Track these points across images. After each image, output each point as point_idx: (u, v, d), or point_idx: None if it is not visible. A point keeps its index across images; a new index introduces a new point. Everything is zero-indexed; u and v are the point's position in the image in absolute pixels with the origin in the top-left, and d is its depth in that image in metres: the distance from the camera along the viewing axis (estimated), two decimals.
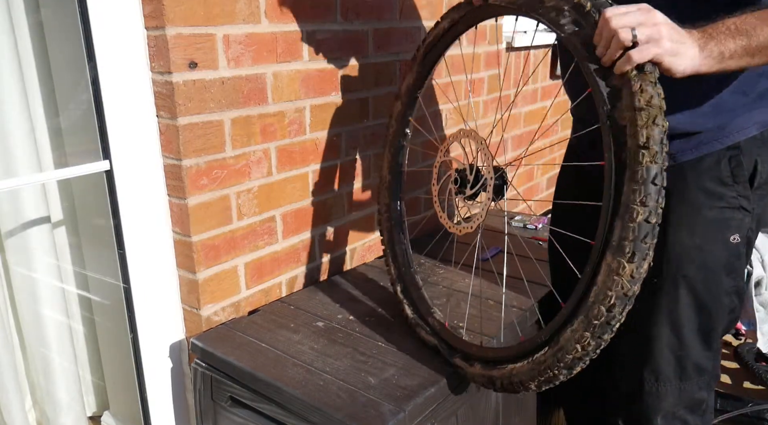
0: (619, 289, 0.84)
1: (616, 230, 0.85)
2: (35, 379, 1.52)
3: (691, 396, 1.17)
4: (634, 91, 0.84)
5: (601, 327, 0.87)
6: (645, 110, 0.83)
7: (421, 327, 1.26)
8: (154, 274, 1.31)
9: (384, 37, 1.61)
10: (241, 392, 1.20)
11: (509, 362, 1.03)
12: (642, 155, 0.83)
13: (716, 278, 1.10)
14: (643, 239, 0.83)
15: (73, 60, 1.25)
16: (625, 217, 0.84)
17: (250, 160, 1.34)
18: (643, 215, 0.83)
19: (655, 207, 0.83)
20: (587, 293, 0.89)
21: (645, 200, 0.82)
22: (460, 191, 1.16)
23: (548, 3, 0.96)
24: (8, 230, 1.38)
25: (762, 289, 2.22)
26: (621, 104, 0.86)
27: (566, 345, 0.91)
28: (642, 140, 0.83)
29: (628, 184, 0.85)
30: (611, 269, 0.85)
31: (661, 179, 0.83)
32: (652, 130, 0.83)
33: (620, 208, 0.85)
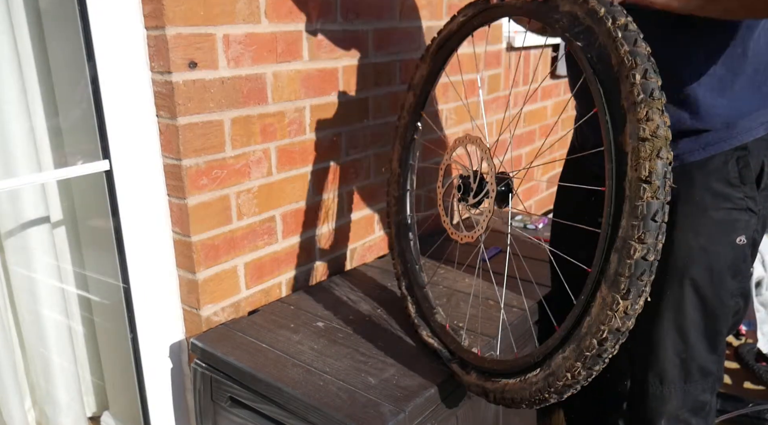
0: (612, 324, 0.82)
1: (612, 263, 0.83)
2: (35, 379, 1.52)
3: (695, 399, 1.16)
4: (640, 119, 0.80)
5: (592, 358, 0.85)
6: (650, 141, 0.79)
7: (423, 328, 1.25)
8: (154, 274, 1.31)
9: (384, 37, 1.61)
10: (240, 392, 1.19)
11: (503, 376, 1.01)
12: (643, 190, 0.79)
13: (722, 280, 1.09)
14: (640, 277, 0.80)
15: (72, 60, 1.25)
16: (623, 252, 0.81)
17: (250, 160, 1.34)
18: (641, 253, 0.79)
19: (654, 244, 0.80)
20: (581, 321, 0.87)
21: (644, 237, 0.79)
22: (463, 199, 1.13)
23: (563, 8, 0.92)
24: (8, 230, 1.38)
25: (762, 289, 2.22)
26: (626, 130, 0.82)
27: (557, 371, 0.89)
28: (644, 173, 0.79)
29: (627, 218, 0.81)
30: (605, 303, 0.83)
31: (661, 216, 0.79)
32: (656, 163, 0.79)
33: (618, 241, 0.82)
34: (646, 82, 0.80)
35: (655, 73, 0.81)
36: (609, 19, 0.85)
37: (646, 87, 0.80)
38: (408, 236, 1.37)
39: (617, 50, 0.83)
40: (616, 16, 0.85)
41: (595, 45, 0.87)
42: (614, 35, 0.83)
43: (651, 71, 0.81)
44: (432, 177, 1.92)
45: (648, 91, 0.80)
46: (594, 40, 0.87)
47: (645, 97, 0.80)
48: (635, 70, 0.81)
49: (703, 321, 1.11)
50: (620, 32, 0.83)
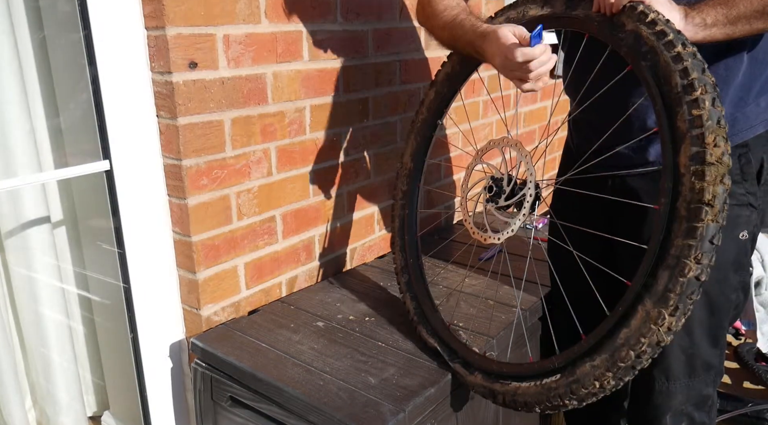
0: (654, 338, 0.83)
1: (661, 280, 0.83)
2: (35, 379, 1.52)
3: (699, 393, 1.18)
4: (707, 143, 0.82)
5: (625, 369, 0.86)
6: (715, 165, 0.81)
7: (422, 326, 1.25)
8: (154, 274, 1.31)
9: (384, 37, 1.61)
10: (241, 392, 1.20)
11: (514, 379, 1.02)
12: (705, 212, 0.81)
13: (726, 275, 1.12)
14: (690, 295, 0.82)
15: (73, 60, 1.25)
16: (676, 269, 0.82)
17: (250, 160, 1.34)
18: (695, 272, 0.81)
19: (707, 266, 0.82)
20: (615, 333, 0.87)
21: (700, 257, 0.81)
22: (492, 200, 1.14)
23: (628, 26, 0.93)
24: (8, 230, 1.38)
25: (762, 289, 2.22)
26: (687, 152, 0.84)
27: (583, 379, 0.90)
28: (708, 196, 0.81)
29: (683, 237, 0.82)
30: (649, 318, 0.84)
31: (718, 239, 0.81)
32: (719, 188, 0.81)
33: (669, 259, 0.83)
34: (714, 110, 0.83)
35: (720, 103, 0.84)
36: (679, 44, 0.87)
37: (713, 114, 0.83)
38: (412, 231, 1.36)
39: (687, 74, 0.85)
40: (686, 43, 0.87)
41: (659, 67, 0.88)
42: (684, 60, 0.85)
43: (718, 100, 0.84)
44: (433, 176, 1.92)
45: (715, 119, 0.82)
46: (658, 61, 0.89)
47: (713, 124, 0.82)
48: (705, 96, 0.83)
49: (707, 316, 1.12)
50: (690, 59, 0.86)
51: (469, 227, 1.18)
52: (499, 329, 1.29)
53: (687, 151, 0.83)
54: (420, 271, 1.33)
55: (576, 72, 1.16)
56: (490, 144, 1.17)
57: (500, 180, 1.13)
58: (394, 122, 1.72)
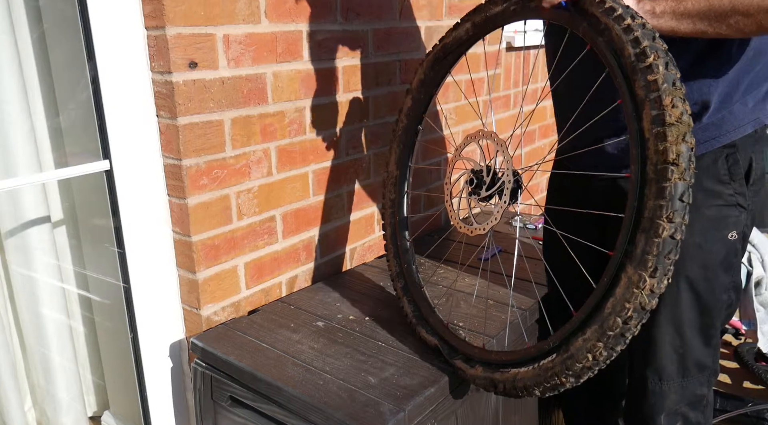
0: (638, 302, 0.85)
1: (639, 244, 0.85)
2: (35, 379, 1.52)
3: (693, 393, 1.18)
4: (666, 105, 0.84)
5: (615, 338, 0.87)
6: (675, 125, 0.83)
7: (422, 327, 1.26)
8: (154, 274, 1.31)
9: (384, 37, 1.61)
10: (241, 392, 1.20)
11: (513, 366, 1.03)
12: (671, 171, 0.82)
13: (715, 275, 1.11)
14: (667, 255, 0.83)
15: (73, 60, 1.25)
16: (650, 231, 0.84)
17: (250, 160, 1.34)
18: (669, 231, 0.82)
19: (681, 224, 0.83)
20: (603, 303, 0.89)
21: (672, 216, 0.82)
22: (474, 192, 1.16)
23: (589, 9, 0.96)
24: (8, 230, 1.39)
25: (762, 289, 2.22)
26: (648, 117, 0.86)
27: (577, 354, 0.91)
28: (672, 156, 0.82)
29: (654, 199, 0.84)
30: (631, 282, 0.85)
31: (688, 196, 0.83)
32: (681, 146, 0.82)
33: (644, 222, 0.85)
34: (668, 73, 0.85)
35: (674, 67, 0.86)
36: (628, 17, 0.89)
37: (668, 78, 0.84)
38: (404, 236, 1.38)
39: (638, 43, 0.87)
40: (635, 15, 0.90)
41: (614, 41, 0.91)
42: (634, 30, 0.88)
43: (671, 64, 0.86)
44: (430, 178, 1.92)
45: (671, 81, 0.84)
46: (612, 36, 0.91)
47: (668, 87, 0.84)
48: (657, 61, 0.85)
49: (698, 316, 1.12)
50: (639, 29, 0.88)
51: (455, 223, 1.20)
52: (499, 328, 1.30)
53: (648, 116, 0.85)
54: (415, 275, 1.34)
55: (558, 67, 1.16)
56: (468, 139, 1.19)
57: (480, 172, 1.16)
58: (394, 121, 1.72)
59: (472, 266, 1.61)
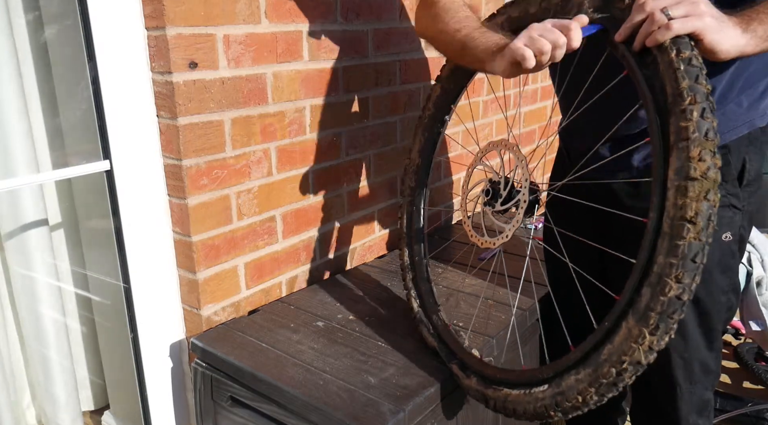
0: (635, 357, 0.82)
1: (644, 297, 0.82)
2: (34, 377, 1.52)
3: (700, 398, 1.18)
4: (692, 157, 0.78)
5: (607, 386, 0.85)
6: (699, 181, 0.78)
7: (424, 325, 1.25)
8: (155, 274, 1.31)
9: (384, 37, 1.61)
10: (241, 392, 1.20)
11: (506, 386, 1.01)
12: (687, 230, 0.78)
13: (711, 276, 1.11)
14: (671, 315, 0.79)
15: (73, 60, 1.25)
16: (657, 288, 0.80)
17: (250, 160, 1.34)
18: (675, 292, 0.78)
19: (690, 285, 0.79)
20: (601, 347, 0.86)
21: (681, 276, 0.78)
22: (490, 203, 1.13)
23: None
24: (8, 230, 1.39)
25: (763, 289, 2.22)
26: (673, 165, 0.81)
27: (567, 392, 0.89)
28: (690, 213, 0.78)
29: (666, 255, 0.80)
30: (631, 335, 0.82)
31: (701, 258, 0.78)
32: (702, 204, 0.77)
33: (652, 276, 0.81)
34: (702, 121, 0.79)
35: (712, 114, 0.80)
36: (673, 50, 0.83)
37: (701, 126, 0.79)
38: (419, 228, 1.36)
39: (677, 83, 0.81)
40: (681, 48, 0.83)
41: (658, 75, 0.85)
42: (676, 67, 0.82)
43: (708, 111, 0.79)
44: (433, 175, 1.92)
45: (703, 131, 0.78)
46: (657, 70, 0.85)
47: (699, 137, 0.78)
48: (693, 106, 0.79)
49: (698, 318, 1.12)
50: (683, 65, 0.81)
51: (467, 230, 1.17)
52: (499, 329, 1.30)
53: (673, 164, 0.81)
54: (425, 269, 1.32)
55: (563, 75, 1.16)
56: (489, 146, 1.16)
57: (497, 183, 1.12)
58: (394, 121, 1.72)
59: (473, 266, 1.61)
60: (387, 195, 1.76)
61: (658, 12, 0.83)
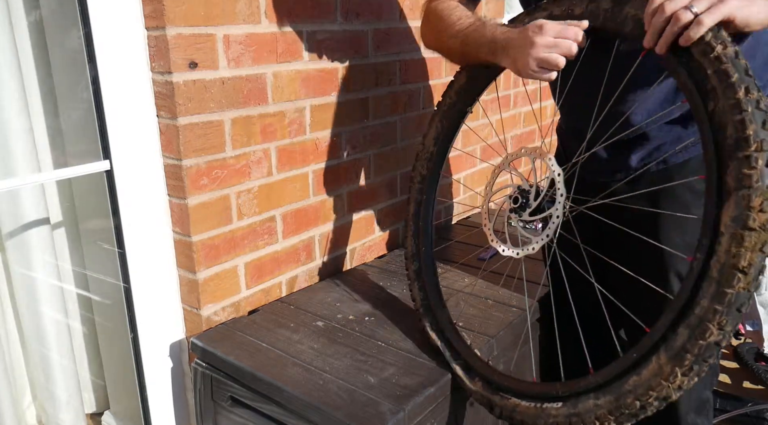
0: (662, 394, 0.81)
1: (680, 337, 0.80)
2: (35, 377, 1.52)
3: (699, 397, 1.18)
4: (752, 207, 0.75)
5: (628, 416, 0.84)
6: (757, 232, 0.75)
7: (427, 321, 1.23)
8: (155, 274, 1.31)
9: (384, 37, 1.62)
10: (241, 391, 1.20)
11: (515, 395, 1.00)
12: (738, 280, 0.75)
13: None
14: (706, 359, 0.78)
15: (73, 60, 1.25)
16: (697, 331, 0.78)
17: (250, 160, 1.34)
18: (716, 338, 0.77)
19: (730, 333, 0.77)
20: (625, 377, 0.85)
21: (724, 324, 0.76)
22: (516, 212, 1.09)
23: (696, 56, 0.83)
24: (9, 230, 1.39)
25: (762, 289, 2.22)
26: (729, 211, 0.77)
27: (584, 415, 0.88)
28: (743, 263, 0.75)
29: (710, 300, 0.77)
30: (662, 372, 0.81)
31: (746, 308, 0.76)
32: (757, 256, 0.75)
33: (692, 317, 0.79)
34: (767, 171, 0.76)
35: None
36: (741, 88, 0.78)
37: (765, 175, 0.75)
38: (427, 218, 1.31)
39: (743, 126, 0.77)
40: (750, 88, 0.77)
41: (717, 112, 0.80)
42: (744, 108, 0.77)
43: None
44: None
45: (767, 181, 0.75)
46: (717, 105, 0.80)
47: (762, 186, 0.75)
48: (760, 154, 0.75)
49: None
50: (751, 107, 0.77)
51: (488, 234, 1.14)
52: (499, 328, 1.30)
53: (730, 210, 0.77)
54: (431, 260, 1.29)
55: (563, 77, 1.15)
56: (522, 151, 1.11)
57: (527, 193, 1.07)
58: (394, 121, 1.72)
59: (472, 266, 1.61)
60: (387, 195, 1.76)
61: (682, 11, 0.81)
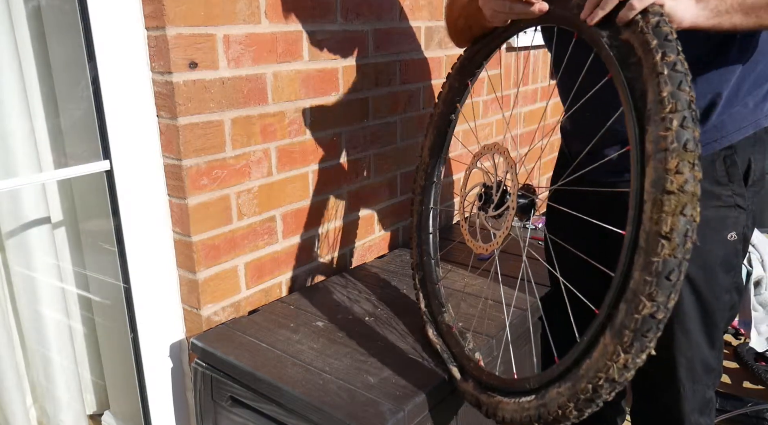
0: (610, 374, 0.79)
1: (620, 313, 0.78)
2: (36, 377, 1.52)
3: (702, 397, 1.18)
4: (668, 170, 0.73)
5: (585, 402, 0.83)
6: (675, 194, 0.72)
7: (430, 325, 1.25)
8: (155, 274, 1.31)
9: (384, 37, 1.62)
10: (241, 392, 1.20)
11: (499, 393, 1.00)
12: (661, 246, 0.73)
13: (715, 275, 1.11)
14: (645, 333, 0.76)
15: (73, 60, 1.25)
16: (631, 305, 0.76)
17: (250, 160, 1.34)
18: (649, 310, 0.74)
19: (665, 302, 0.74)
20: (580, 362, 0.84)
21: (655, 294, 0.74)
22: (483, 209, 1.11)
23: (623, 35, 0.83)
24: (9, 230, 1.39)
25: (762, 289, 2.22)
26: (649, 177, 0.76)
27: (549, 404, 0.87)
28: (665, 228, 0.73)
29: (640, 271, 0.75)
30: (606, 352, 0.79)
31: (677, 274, 0.73)
32: (678, 220, 0.72)
33: (628, 292, 0.77)
34: (682, 131, 0.73)
35: (694, 123, 0.74)
36: (658, 53, 0.77)
37: (681, 136, 0.73)
38: (428, 228, 1.35)
39: (658, 88, 0.76)
40: (667, 52, 0.77)
41: (641, 79, 0.79)
42: (659, 71, 0.76)
43: (690, 120, 0.74)
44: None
45: (682, 141, 0.73)
46: (640, 74, 0.79)
47: (678, 147, 0.73)
48: (674, 115, 0.74)
49: (700, 316, 1.12)
50: (666, 69, 0.76)
51: (464, 234, 1.17)
52: (499, 328, 1.30)
53: (650, 176, 0.75)
54: (432, 269, 1.31)
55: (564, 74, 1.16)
56: (484, 149, 1.14)
57: (491, 188, 1.10)
58: (394, 121, 1.72)
59: (473, 266, 1.61)
60: (387, 195, 1.76)
61: None
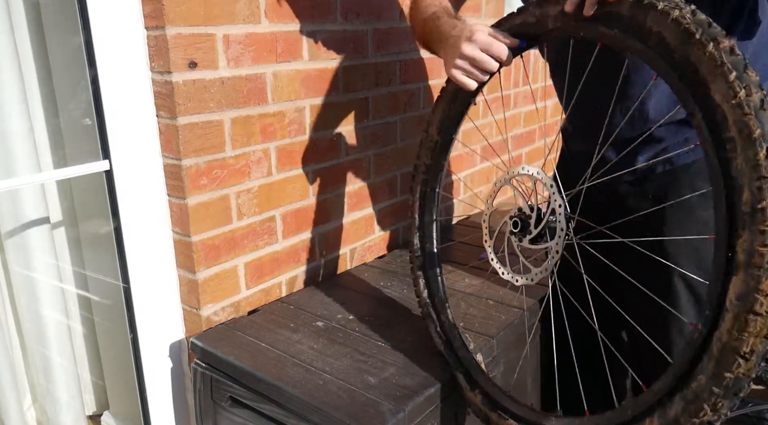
0: None
1: (675, 407, 0.77)
2: (35, 378, 1.52)
3: None
4: (761, 290, 0.67)
5: None
6: (763, 318, 0.68)
7: (432, 321, 1.21)
8: (154, 274, 1.31)
9: (384, 37, 1.61)
10: (241, 392, 1.20)
11: (512, 417, 0.98)
12: (738, 364, 0.70)
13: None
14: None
15: (72, 60, 1.25)
16: (691, 408, 0.74)
17: (250, 160, 1.34)
18: (709, 418, 0.73)
19: (723, 414, 0.73)
20: None
21: (719, 407, 0.72)
22: (516, 235, 1.01)
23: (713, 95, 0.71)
24: (8, 230, 1.39)
25: None
26: (735, 288, 0.71)
27: None
28: (745, 349, 0.69)
29: (708, 380, 0.73)
30: None
31: (745, 392, 0.71)
32: (759, 344, 0.69)
33: (689, 392, 0.75)
34: None
35: None
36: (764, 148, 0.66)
37: None
38: (431, 211, 1.24)
39: (762, 196, 0.66)
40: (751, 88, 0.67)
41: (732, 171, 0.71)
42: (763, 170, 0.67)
43: None
44: None
45: None
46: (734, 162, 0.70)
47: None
48: None
49: (698, 316, 1.12)
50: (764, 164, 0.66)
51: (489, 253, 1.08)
52: (499, 329, 1.30)
53: (737, 286, 0.69)
54: (437, 256, 1.24)
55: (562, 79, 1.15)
56: (523, 170, 1.01)
57: (528, 217, 0.98)
58: (394, 121, 1.72)
59: (473, 266, 1.61)
60: (387, 195, 1.76)
61: None
